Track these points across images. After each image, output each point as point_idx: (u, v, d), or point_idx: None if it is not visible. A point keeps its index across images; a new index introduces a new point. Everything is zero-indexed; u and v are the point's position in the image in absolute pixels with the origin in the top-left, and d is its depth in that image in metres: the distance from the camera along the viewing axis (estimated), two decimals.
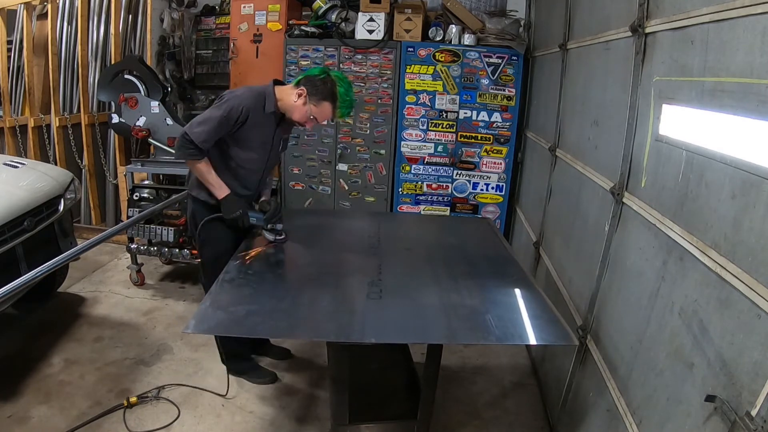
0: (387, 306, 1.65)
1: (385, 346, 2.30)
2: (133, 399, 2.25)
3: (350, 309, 1.62)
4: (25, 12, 3.90)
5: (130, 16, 4.07)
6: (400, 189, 3.86)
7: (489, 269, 2.02)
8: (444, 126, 3.70)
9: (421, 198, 3.88)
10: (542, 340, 1.66)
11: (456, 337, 1.64)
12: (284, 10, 3.76)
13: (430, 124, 3.70)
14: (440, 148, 3.75)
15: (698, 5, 1.29)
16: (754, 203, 1.04)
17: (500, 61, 3.55)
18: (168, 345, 2.75)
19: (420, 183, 3.84)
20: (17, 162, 2.83)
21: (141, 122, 3.29)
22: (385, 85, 3.67)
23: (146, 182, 3.53)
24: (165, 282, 3.54)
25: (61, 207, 2.72)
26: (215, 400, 2.33)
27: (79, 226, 4.03)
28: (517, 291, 1.82)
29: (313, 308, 1.63)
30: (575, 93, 2.50)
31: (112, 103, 3.51)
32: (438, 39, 3.59)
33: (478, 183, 3.83)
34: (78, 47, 3.96)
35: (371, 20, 3.57)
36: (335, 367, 1.79)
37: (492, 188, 3.83)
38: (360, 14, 3.59)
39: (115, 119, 3.39)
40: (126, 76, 3.42)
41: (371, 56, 3.65)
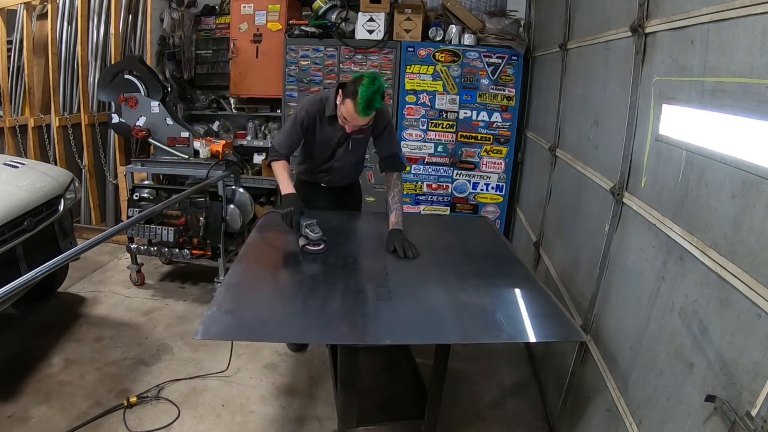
0: (397, 307, 1.64)
1: (388, 347, 2.29)
2: (133, 399, 2.25)
3: (361, 311, 1.60)
4: (25, 12, 3.89)
5: (130, 16, 4.07)
6: None
7: (493, 268, 2.02)
8: (444, 126, 3.70)
9: (421, 198, 3.88)
10: (552, 337, 1.69)
11: (470, 337, 1.63)
12: (284, 10, 3.76)
13: (430, 124, 3.70)
14: (440, 148, 3.75)
15: (698, 5, 1.29)
16: (754, 203, 1.04)
17: (500, 61, 3.55)
18: (168, 345, 2.75)
19: (420, 183, 3.84)
20: (17, 162, 2.83)
21: (141, 122, 3.29)
22: (385, 86, 3.66)
23: (146, 182, 3.54)
24: (165, 282, 3.54)
25: (61, 207, 2.72)
26: (215, 400, 2.34)
27: (79, 226, 4.03)
28: (523, 289, 1.82)
29: (324, 311, 1.61)
30: (575, 93, 2.50)
31: (112, 103, 3.51)
32: (438, 39, 3.60)
33: (478, 183, 3.83)
34: (78, 47, 3.96)
35: (371, 20, 3.57)
36: (345, 370, 1.77)
37: (492, 188, 3.83)
38: (360, 14, 3.59)
39: (115, 119, 3.39)
40: (126, 76, 3.42)
41: (371, 56, 3.65)
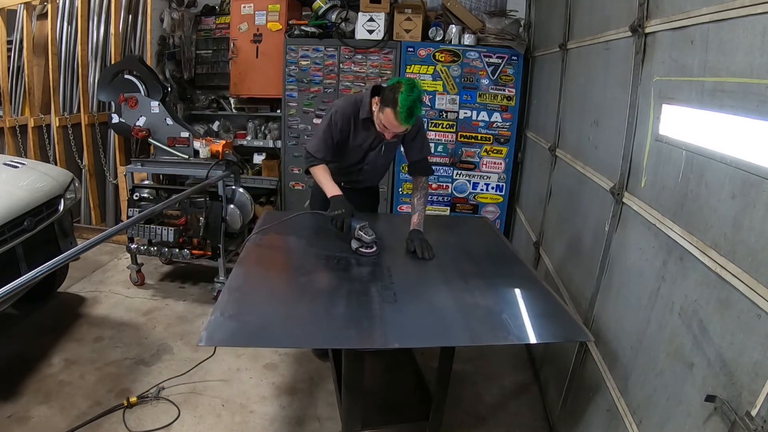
0: (404, 309, 1.62)
1: (390, 349, 2.28)
2: (133, 399, 2.25)
3: (368, 314, 1.58)
4: (25, 12, 3.89)
5: (130, 16, 4.07)
6: (400, 189, 3.86)
7: (495, 268, 2.02)
8: (444, 126, 3.70)
9: None
10: (558, 338, 1.68)
11: (478, 339, 1.61)
12: (284, 10, 3.76)
13: (430, 124, 3.70)
14: (440, 148, 3.75)
15: (698, 5, 1.29)
16: (754, 203, 1.04)
17: (500, 61, 3.55)
18: (168, 345, 2.75)
19: None
20: (17, 162, 2.82)
21: (141, 122, 3.28)
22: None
23: (146, 182, 3.54)
24: (165, 282, 3.54)
25: (61, 207, 2.72)
26: (215, 400, 2.34)
27: (79, 226, 4.02)
28: (527, 289, 1.81)
29: (330, 315, 1.59)
30: (575, 93, 2.50)
31: (112, 103, 3.51)
32: (438, 39, 3.60)
33: (478, 183, 3.83)
34: (78, 47, 3.96)
35: (371, 20, 3.57)
36: (349, 373, 1.75)
37: (492, 188, 3.83)
38: (360, 14, 3.59)
39: (115, 119, 3.39)
40: (126, 76, 3.42)
41: (371, 56, 3.65)
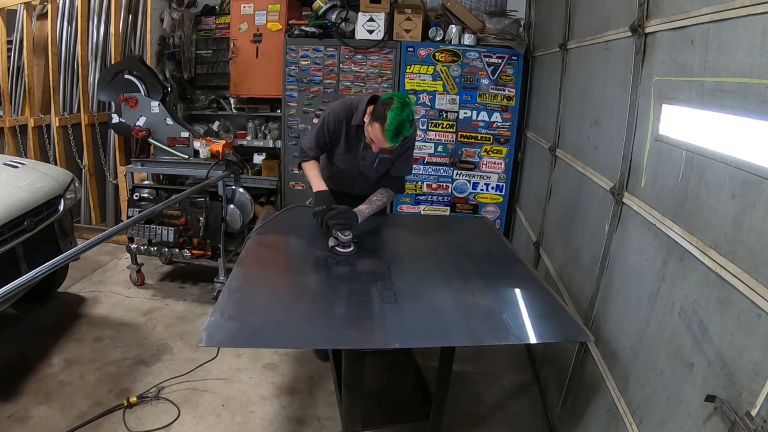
0: (404, 310, 1.62)
1: (390, 349, 2.28)
2: (133, 399, 2.25)
3: (368, 314, 1.58)
4: (25, 12, 3.89)
5: (130, 16, 4.07)
6: None
7: (495, 268, 2.01)
8: (444, 126, 3.70)
9: (421, 198, 3.88)
10: (558, 338, 1.68)
11: (479, 339, 1.61)
12: (284, 10, 3.76)
13: (430, 124, 3.70)
14: (440, 148, 3.75)
15: (698, 5, 1.29)
16: (754, 203, 1.04)
17: (500, 61, 3.55)
18: (168, 345, 2.75)
19: (420, 183, 3.84)
20: (17, 162, 2.82)
21: (141, 122, 3.28)
22: (385, 85, 3.67)
23: (146, 182, 3.53)
24: (165, 282, 3.54)
25: (61, 207, 2.72)
26: (215, 400, 2.34)
27: (79, 226, 4.03)
28: (527, 290, 1.81)
29: (330, 315, 1.59)
30: (575, 93, 2.50)
31: (112, 103, 3.51)
32: (438, 39, 3.60)
33: (478, 183, 3.83)
34: (78, 47, 3.96)
35: (371, 20, 3.57)
36: (349, 373, 1.75)
37: (492, 188, 3.83)
38: (360, 14, 3.59)
39: (115, 119, 3.39)
40: (126, 76, 3.42)
41: (371, 56, 3.65)
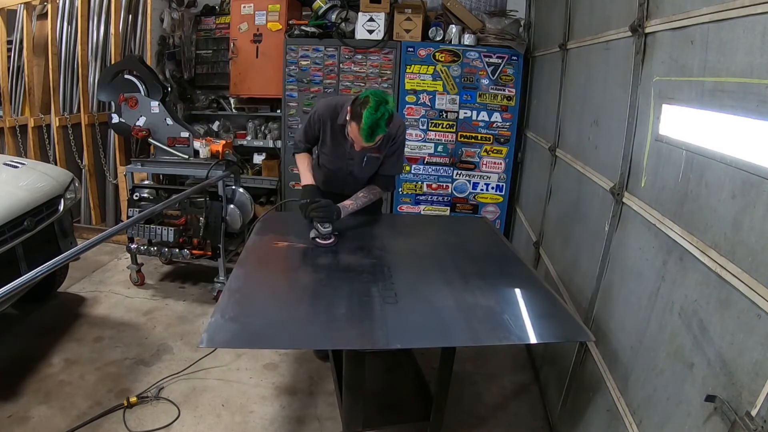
0: (405, 310, 1.61)
1: (390, 349, 2.28)
2: (133, 399, 2.25)
3: (369, 315, 1.58)
4: (25, 12, 3.89)
5: (130, 16, 4.06)
6: (400, 189, 3.86)
7: (496, 268, 2.01)
8: (444, 126, 3.70)
9: (421, 198, 3.88)
10: (559, 338, 1.68)
11: (479, 339, 1.60)
12: (284, 10, 3.76)
13: (430, 124, 3.70)
14: (440, 148, 3.75)
15: (698, 5, 1.29)
16: (754, 203, 1.04)
17: (500, 61, 3.55)
18: (168, 345, 2.75)
19: (420, 183, 3.84)
20: (17, 162, 2.82)
21: (141, 122, 3.28)
22: (385, 85, 3.67)
23: (146, 182, 3.53)
24: (165, 282, 3.54)
25: (61, 207, 2.72)
26: (215, 400, 2.34)
27: (79, 226, 4.02)
28: (528, 290, 1.81)
29: (331, 315, 1.59)
30: (575, 93, 2.50)
31: (112, 103, 3.50)
32: (438, 39, 3.60)
33: (478, 183, 3.83)
34: (78, 47, 3.96)
35: (371, 20, 3.57)
36: (350, 374, 1.75)
37: (492, 188, 3.83)
38: (360, 14, 3.59)
39: (115, 119, 3.39)
40: (126, 76, 3.42)
41: (371, 56, 3.65)
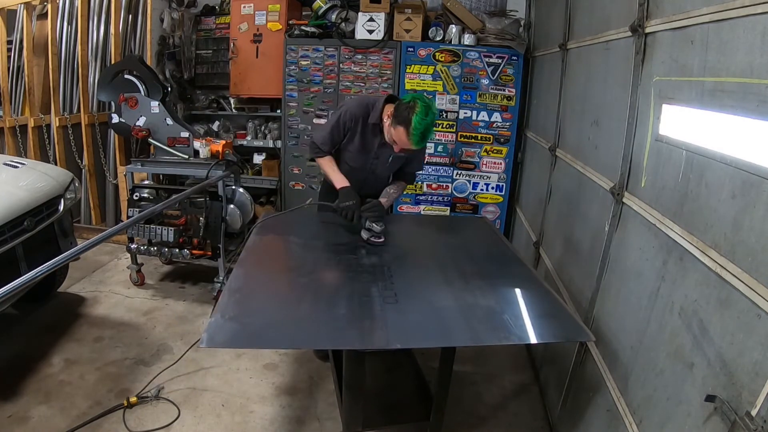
0: (405, 310, 1.61)
1: (390, 349, 2.28)
2: (133, 399, 2.25)
3: (369, 315, 1.58)
4: (25, 12, 3.89)
5: (130, 16, 4.07)
6: None
7: (496, 268, 2.01)
8: (444, 126, 3.70)
9: (421, 198, 3.88)
10: (559, 338, 1.69)
11: (480, 339, 1.61)
12: (284, 10, 3.77)
13: None
14: (440, 148, 3.75)
15: (698, 5, 1.29)
16: (754, 203, 1.04)
17: (500, 61, 3.55)
18: (168, 345, 2.75)
19: (420, 183, 3.84)
20: (17, 162, 2.82)
21: (141, 122, 3.28)
22: (385, 85, 3.67)
23: (146, 182, 3.53)
24: (165, 282, 3.54)
25: (61, 207, 2.72)
26: (215, 400, 2.34)
27: (79, 226, 4.02)
28: (528, 290, 1.81)
29: (331, 315, 1.58)
30: (575, 93, 2.50)
31: (112, 103, 3.50)
32: (438, 39, 3.60)
33: (478, 183, 3.83)
34: (78, 47, 3.96)
35: (371, 20, 3.57)
36: (350, 374, 1.75)
37: (492, 188, 3.83)
38: (360, 14, 3.59)
39: (115, 119, 3.39)
40: (126, 76, 3.42)
41: (371, 56, 3.65)
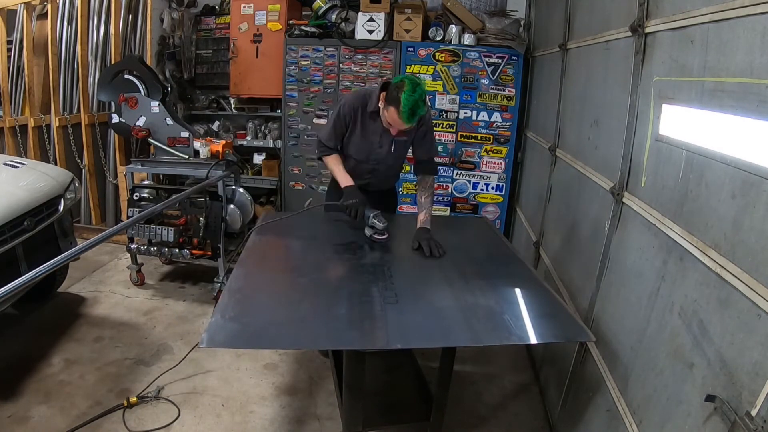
0: (405, 310, 1.61)
1: (390, 349, 2.28)
2: (133, 399, 2.25)
3: (369, 315, 1.57)
4: (25, 12, 3.89)
5: (130, 16, 4.07)
6: (400, 189, 3.86)
7: (496, 268, 2.01)
8: (444, 126, 3.70)
9: None
10: (560, 338, 1.68)
11: (480, 339, 1.60)
12: (284, 10, 3.77)
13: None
14: (440, 148, 3.74)
15: (698, 5, 1.29)
16: (754, 203, 1.04)
17: (500, 61, 3.55)
18: (168, 345, 2.75)
19: None
20: (17, 162, 2.82)
21: (141, 122, 3.28)
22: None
23: (146, 182, 3.53)
24: (165, 282, 3.54)
25: (61, 207, 2.72)
26: (215, 400, 2.34)
27: (79, 226, 4.02)
28: (528, 290, 1.81)
29: (331, 316, 1.58)
30: (575, 93, 2.50)
31: (112, 103, 3.50)
32: (438, 39, 3.60)
33: (478, 183, 3.83)
34: (78, 47, 3.96)
35: (371, 20, 3.57)
36: (351, 374, 1.74)
37: (492, 188, 3.83)
38: (360, 14, 3.59)
39: (115, 119, 3.39)
40: (126, 76, 3.42)
41: (371, 56, 3.65)
